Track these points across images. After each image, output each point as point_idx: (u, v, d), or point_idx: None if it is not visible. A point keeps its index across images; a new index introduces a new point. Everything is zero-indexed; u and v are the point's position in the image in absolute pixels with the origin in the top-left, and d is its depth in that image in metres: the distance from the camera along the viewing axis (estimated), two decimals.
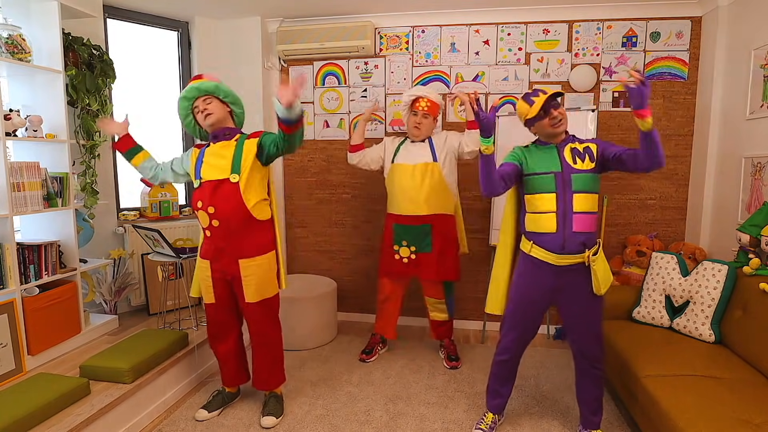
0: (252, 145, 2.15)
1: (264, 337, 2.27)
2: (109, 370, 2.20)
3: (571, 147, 1.96)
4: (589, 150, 1.94)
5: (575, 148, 1.95)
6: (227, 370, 2.40)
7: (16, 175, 2.29)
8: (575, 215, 1.89)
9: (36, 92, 2.57)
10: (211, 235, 2.16)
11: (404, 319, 3.69)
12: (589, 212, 1.90)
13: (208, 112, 2.15)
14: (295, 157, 3.74)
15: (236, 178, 2.11)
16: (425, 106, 2.76)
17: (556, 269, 1.95)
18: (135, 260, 3.20)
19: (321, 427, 2.27)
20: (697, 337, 2.31)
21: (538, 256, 1.96)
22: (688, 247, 3.02)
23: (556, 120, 1.91)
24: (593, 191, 1.92)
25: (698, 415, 1.65)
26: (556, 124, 1.92)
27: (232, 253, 2.16)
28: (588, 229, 1.91)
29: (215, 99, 2.19)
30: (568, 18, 3.25)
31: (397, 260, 2.88)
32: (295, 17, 3.52)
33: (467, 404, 2.48)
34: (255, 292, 2.19)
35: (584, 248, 1.91)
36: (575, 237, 1.89)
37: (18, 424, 1.76)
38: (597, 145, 1.96)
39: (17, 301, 2.29)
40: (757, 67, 2.59)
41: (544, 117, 1.92)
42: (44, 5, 2.49)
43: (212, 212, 2.11)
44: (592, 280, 1.93)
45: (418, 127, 2.79)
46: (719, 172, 2.97)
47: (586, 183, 1.91)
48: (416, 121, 2.79)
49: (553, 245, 1.91)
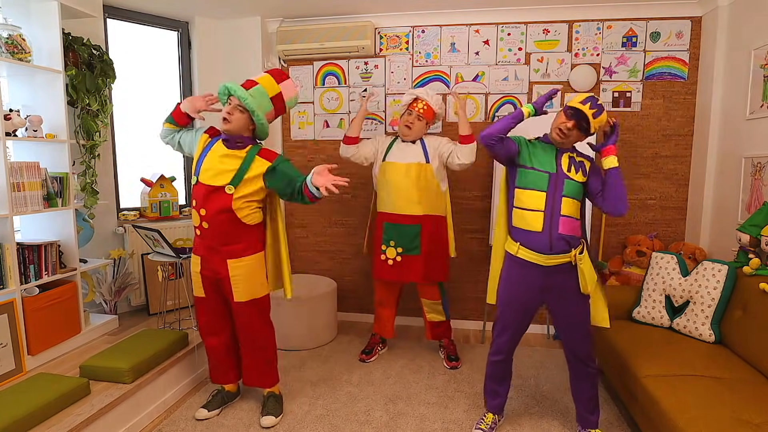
0: (262, 165, 2.12)
1: (253, 336, 2.28)
2: (109, 370, 2.20)
3: (569, 155, 1.99)
4: (584, 165, 1.99)
5: (573, 158, 1.98)
6: (214, 364, 2.39)
7: (16, 175, 2.29)
8: (562, 218, 1.92)
9: (36, 92, 2.57)
10: (201, 234, 2.18)
11: (404, 319, 3.69)
12: (573, 217, 1.94)
13: (228, 118, 2.09)
14: (295, 157, 3.74)
15: (231, 190, 2.09)
16: (422, 108, 2.75)
17: (544, 270, 1.96)
18: (135, 260, 3.20)
19: (321, 427, 2.27)
20: (697, 337, 2.31)
21: (526, 258, 1.98)
22: (688, 247, 3.02)
23: (563, 130, 1.91)
24: (579, 199, 1.97)
25: (698, 415, 1.65)
26: (561, 135, 1.93)
27: (220, 253, 2.17)
28: (572, 233, 1.93)
29: (247, 113, 2.11)
30: (568, 18, 3.25)
31: (383, 261, 2.86)
32: (295, 17, 3.52)
33: (467, 404, 2.48)
34: (244, 291, 2.20)
35: (570, 248, 1.93)
36: (561, 237, 1.91)
37: (18, 424, 1.76)
38: (590, 163, 2.00)
39: (17, 301, 2.29)
40: (757, 67, 2.59)
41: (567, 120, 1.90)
42: (44, 5, 2.49)
43: (203, 214, 2.11)
44: (579, 280, 1.96)
45: (409, 126, 2.76)
46: (719, 172, 2.97)
47: (575, 190, 1.94)
48: (409, 121, 2.76)
49: (540, 245, 1.93)
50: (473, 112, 3.43)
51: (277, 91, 2.15)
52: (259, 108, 2.09)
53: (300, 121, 3.70)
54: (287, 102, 2.22)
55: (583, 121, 1.89)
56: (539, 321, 3.51)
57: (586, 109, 1.84)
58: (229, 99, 2.13)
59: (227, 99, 2.15)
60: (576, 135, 1.93)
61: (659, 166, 3.29)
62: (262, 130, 2.19)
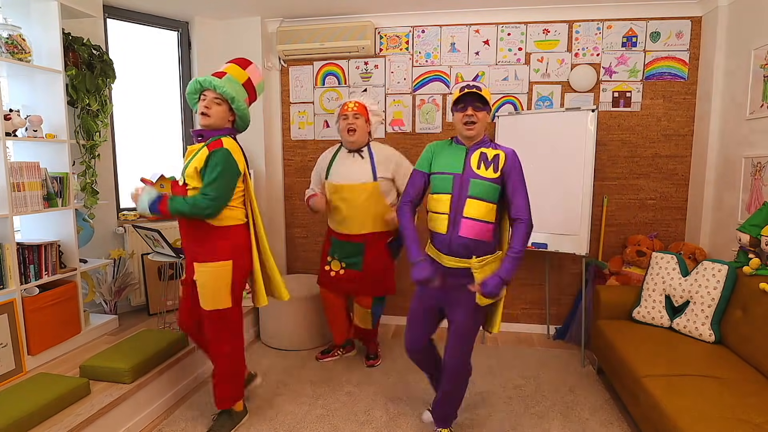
0: (203, 155, 1.97)
1: (213, 348, 2.12)
2: (109, 370, 2.20)
3: (481, 152, 1.92)
4: (497, 159, 1.90)
5: (484, 154, 1.91)
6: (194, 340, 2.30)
7: (16, 175, 2.29)
8: (463, 219, 1.87)
9: (36, 92, 2.57)
10: (183, 233, 2.10)
11: (404, 319, 3.68)
12: (481, 220, 1.87)
13: (206, 113, 1.99)
14: (295, 157, 3.74)
15: (182, 181, 2.04)
16: (353, 107, 2.63)
17: (444, 270, 1.95)
18: (135, 260, 3.20)
19: (321, 427, 2.27)
20: (697, 337, 2.31)
21: (432, 254, 2.00)
22: (688, 247, 3.02)
23: (469, 119, 1.87)
24: (490, 200, 1.88)
25: (698, 415, 1.65)
26: (468, 125, 1.88)
27: (190, 254, 2.09)
28: (475, 236, 1.87)
29: (226, 104, 2.02)
30: (568, 18, 3.25)
31: (327, 271, 2.81)
32: (295, 17, 3.52)
33: (467, 404, 2.47)
34: (208, 299, 2.04)
35: (470, 254, 1.89)
36: (459, 240, 1.88)
37: (18, 424, 1.76)
38: (506, 156, 1.90)
39: (17, 301, 2.29)
40: (757, 67, 2.59)
41: (461, 110, 1.88)
42: (44, 5, 2.49)
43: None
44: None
45: (352, 130, 2.62)
46: (719, 172, 2.97)
47: (483, 190, 1.87)
48: (348, 124, 2.62)
49: (441, 245, 1.94)
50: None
51: (245, 78, 2.09)
52: (237, 95, 2.03)
53: (300, 121, 3.70)
54: (256, 87, 2.17)
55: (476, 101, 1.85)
56: (540, 321, 3.52)
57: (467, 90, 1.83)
58: (201, 95, 2.02)
59: (198, 97, 2.05)
60: (482, 116, 1.87)
61: (659, 166, 3.29)
62: (244, 118, 2.11)
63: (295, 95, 3.68)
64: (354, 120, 2.62)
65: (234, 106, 2.04)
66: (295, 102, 3.69)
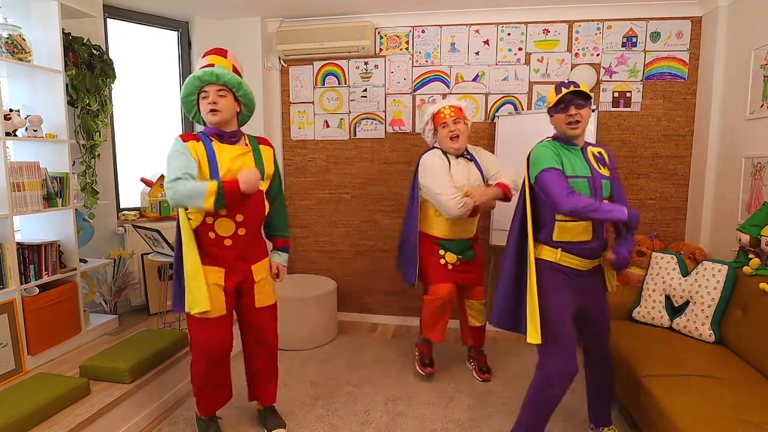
0: (269, 153, 2.05)
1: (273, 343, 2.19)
2: (109, 370, 2.20)
3: (592, 151, 1.89)
4: (602, 156, 1.90)
5: (595, 154, 1.89)
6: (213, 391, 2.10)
7: (16, 175, 2.29)
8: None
9: (36, 92, 2.57)
10: (233, 243, 1.96)
11: (403, 319, 3.69)
12: None
13: (216, 108, 1.88)
14: (295, 157, 3.74)
15: (264, 186, 2.00)
16: (450, 113, 2.54)
17: (582, 273, 1.90)
18: (135, 260, 3.20)
19: (321, 427, 2.27)
20: (697, 337, 2.30)
21: (567, 264, 1.86)
22: (688, 247, 3.02)
23: (573, 119, 1.82)
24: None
25: (698, 415, 1.65)
26: (572, 124, 1.82)
27: (248, 260, 2.04)
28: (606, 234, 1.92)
29: (230, 94, 1.93)
30: (568, 18, 3.25)
31: (444, 264, 2.65)
32: (294, 17, 3.52)
33: (467, 404, 2.47)
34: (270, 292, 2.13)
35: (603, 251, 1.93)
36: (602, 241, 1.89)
37: (18, 424, 1.76)
38: (608, 153, 1.92)
39: (17, 301, 2.29)
40: (757, 67, 2.59)
41: (563, 111, 1.83)
42: (44, 5, 2.49)
43: (240, 220, 1.94)
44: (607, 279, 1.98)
45: (455, 136, 2.53)
46: (719, 172, 2.97)
47: (608, 191, 1.86)
48: (451, 130, 2.53)
49: (584, 252, 1.85)
50: (473, 112, 3.43)
51: (230, 65, 1.99)
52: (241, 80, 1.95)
53: (300, 121, 3.70)
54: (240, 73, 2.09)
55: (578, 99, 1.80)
56: None
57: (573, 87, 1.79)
58: (201, 92, 1.91)
59: (196, 97, 1.94)
60: (585, 113, 1.82)
61: (659, 166, 3.29)
62: (250, 104, 2.02)
63: (295, 95, 3.68)
64: (455, 126, 2.53)
65: (240, 93, 1.95)
66: (295, 102, 3.69)
